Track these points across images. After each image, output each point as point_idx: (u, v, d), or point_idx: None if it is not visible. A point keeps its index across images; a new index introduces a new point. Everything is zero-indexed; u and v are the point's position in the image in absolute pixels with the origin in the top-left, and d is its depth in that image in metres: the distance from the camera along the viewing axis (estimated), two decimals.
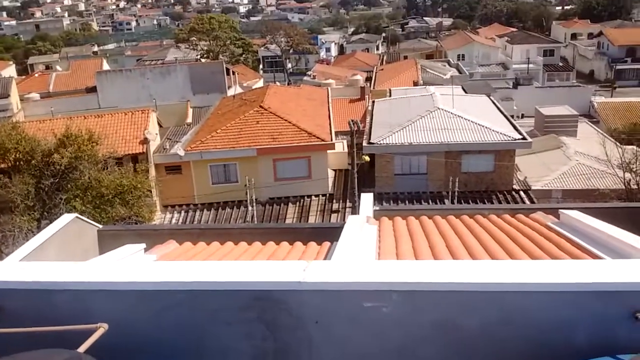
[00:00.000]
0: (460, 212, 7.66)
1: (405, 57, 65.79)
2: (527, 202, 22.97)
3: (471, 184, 24.06)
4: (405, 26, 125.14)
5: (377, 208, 7.64)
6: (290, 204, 25.46)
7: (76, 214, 8.25)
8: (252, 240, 7.10)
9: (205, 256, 6.26)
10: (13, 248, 15.85)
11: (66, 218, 7.94)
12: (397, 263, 2.95)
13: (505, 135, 24.22)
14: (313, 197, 25.62)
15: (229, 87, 45.71)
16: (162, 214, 24.68)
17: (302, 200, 25.46)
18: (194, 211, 25.31)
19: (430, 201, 24.02)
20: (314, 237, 6.92)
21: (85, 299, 2.88)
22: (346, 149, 28.43)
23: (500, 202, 23.18)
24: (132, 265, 3.15)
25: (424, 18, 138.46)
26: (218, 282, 2.74)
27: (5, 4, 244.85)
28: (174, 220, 24.81)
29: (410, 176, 24.93)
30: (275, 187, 25.59)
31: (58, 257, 7.51)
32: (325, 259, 5.62)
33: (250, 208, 23.47)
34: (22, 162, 17.08)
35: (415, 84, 41.60)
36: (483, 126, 24.87)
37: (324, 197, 25.71)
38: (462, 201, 23.03)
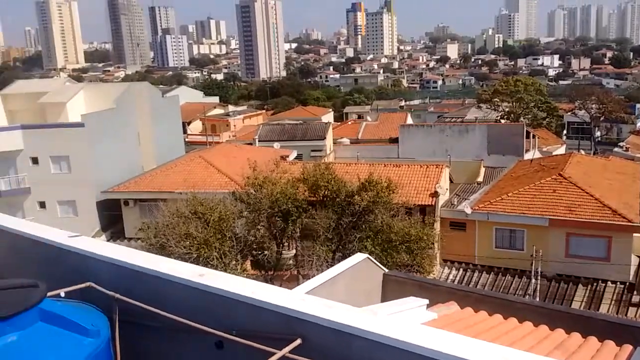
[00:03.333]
0: None
1: None
2: None
3: None
4: None
5: None
6: (580, 285, 23.02)
7: (367, 255, 8.89)
8: (537, 321, 6.60)
9: (486, 328, 6.07)
10: (309, 272, 17.91)
11: (359, 257, 8.63)
12: None
13: None
14: (609, 283, 22.67)
15: (527, 150, 44.14)
16: (441, 268, 24.87)
17: (595, 284, 22.76)
18: (473, 271, 24.84)
19: None
20: (610, 334, 6.10)
21: (377, 350, 3.05)
22: None
23: None
24: (423, 329, 3.24)
25: None
26: None
27: (333, 59, 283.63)
28: (451, 276, 24.76)
29: None
30: (565, 263, 23.47)
31: (346, 292, 8.18)
32: None
33: (533, 280, 21.96)
34: (328, 199, 19.31)
35: None
36: None
37: (622, 286, 22.54)
38: None
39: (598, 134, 76.22)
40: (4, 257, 5.13)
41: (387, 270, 9.07)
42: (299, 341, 3.30)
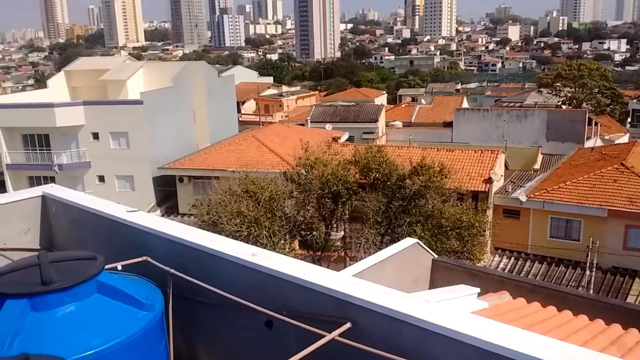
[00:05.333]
0: None
1: None
2: None
3: None
4: None
5: None
6: (637, 279, 22.11)
7: (416, 240, 8.79)
8: (592, 315, 6.38)
9: (538, 319, 5.92)
10: (357, 254, 17.94)
11: (408, 241, 8.55)
12: None
13: None
14: None
15: (588, 138, 42.50)
16: (492, 256, 24.41)
17: None
18: (525, 260, 24.27)
19: None
20: None
21: (428, 339, 3.01)
22: None
23: None
24: (476, 319, 3.17)
25: None
26: None
27: (389, 40, 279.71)
28: (501, 265, 24.28)
29: None
30: (623, 256, 22.59)
31: (394, 276, 8.14)
32: None
33: (588, 272, 21.26)
34: (379, 182, 19.19)
35: None
36: None
37: None
38: None
39: None
40: (65, 229, 5.35)
41: (436, 256, 8.96)
42: (348, 325, 3.30)
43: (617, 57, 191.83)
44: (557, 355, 2.67)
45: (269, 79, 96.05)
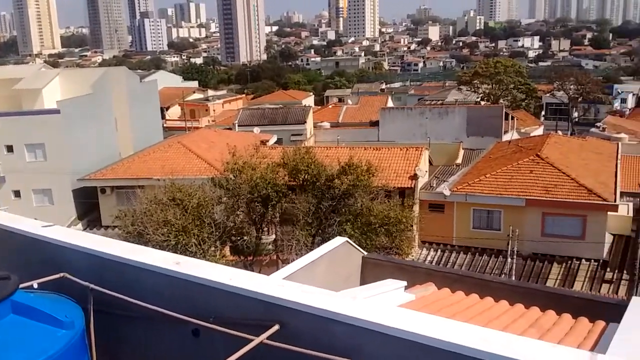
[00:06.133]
0: None
1: None
2: None
3: None
4: None
5: None
6: (555, 264, 23.50)
7: (346, 238, 8.92)
8: (512, 300, 6.72)
9: (462, 308, 6.17)
10: (289, 256, 17.97)
11: (338, 240, 8.67)
12: None
13: None
14: (583, 261, 23.18)
15: (506, 132, 44.53)
16: (420, 249, 25.14)
17: (569, 262, 23.26)
18: (451, 252, 25.18)
19: None
20: (584, 310, 6.25)
21: (357, 335, 3.09)
22: (631, 214, 25.04)
23: None
24: (403, 312, 3.28)
25: None
26: (487, 352, 2.68)
27: (314, 42, 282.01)
28: (429, 258, 25.07)
29: None
30: (541, 242, 23.89)
31: (325, 275, 8.23)
32: (597, 342, 5.04)
33: (509, 260, 22.33)
34: (308, 183, 19.31)
35: None
36: None
37: (596, 263, 23.08)
38: None
39: (576, 114, 77.18)
40: None
41: (366, 253, 9.12)
42: (277, 327, 3.32)
43: (531, 54, 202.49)
44: (478, 342, 2.80)
45: (194, 84, 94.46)
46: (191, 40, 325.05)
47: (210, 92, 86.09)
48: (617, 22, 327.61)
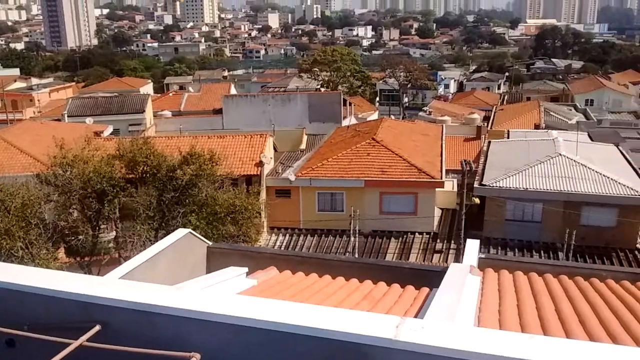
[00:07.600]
0: (575, 271, 7.14)
1: (528, 99, 63.31)
2: None
3: (589, 239, 22.37)
4: (531, 67, 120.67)
5: (483, 256, 7.34)
6: (392, 239, 25.21)
7: (189, 230, 8.71)
8: (350, 275, 7.07)
9: (301, 288, 6.34)
10: (131, 253, 17.09)
11: (180, 232, 8.43)
12: (501, 335, 2.76)
13: (632, 189, 22.40)
14: (417, 235, 25.18)
15: (345, 117, 46.55)
16: (268, 235, 25.44)
17: (405, 236, 25.12)
18: (298, 236, 25.83)
19: (542, 252, 22.65)
20: (413, 279, 6.77)
21: (182, 325, 3.02)
22: (456, 189, 27.73)
23: (621, 263, 21.33)
24: (226, 298, 3.26)
25: (552, 59, 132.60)
26: (307, 327, 2.75)
27: (150, 27, 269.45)
28: (277, 243, 25.48)
29: (522, 223, 23.73)
30: (380, 220, 25.48)
31: (168, 269, 7.97)
32: (421, 307, 5.48)
33: (352, 239, 23.52)
34: (148, 175, 18.45)
35: (537, 127, 39.79)
36: (608, 177, 23.22)
37: (428, 236, 25.20)
38: (578, 256, 21.49)
39: (406, 100, 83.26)
40: None
41: (211, 243, 9.00)
42: (97, 327, 3.13)
43: (365, 43, 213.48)
44: (293, 318, 2.87)
45: (15, 71, 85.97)
46: (10, 23, 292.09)
47: (35, 81, 78.80)
48: (440, 13, 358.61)
